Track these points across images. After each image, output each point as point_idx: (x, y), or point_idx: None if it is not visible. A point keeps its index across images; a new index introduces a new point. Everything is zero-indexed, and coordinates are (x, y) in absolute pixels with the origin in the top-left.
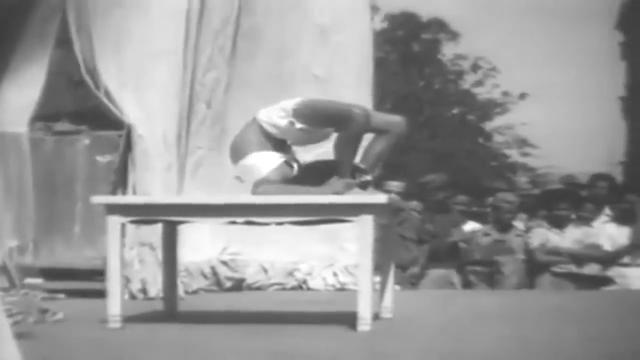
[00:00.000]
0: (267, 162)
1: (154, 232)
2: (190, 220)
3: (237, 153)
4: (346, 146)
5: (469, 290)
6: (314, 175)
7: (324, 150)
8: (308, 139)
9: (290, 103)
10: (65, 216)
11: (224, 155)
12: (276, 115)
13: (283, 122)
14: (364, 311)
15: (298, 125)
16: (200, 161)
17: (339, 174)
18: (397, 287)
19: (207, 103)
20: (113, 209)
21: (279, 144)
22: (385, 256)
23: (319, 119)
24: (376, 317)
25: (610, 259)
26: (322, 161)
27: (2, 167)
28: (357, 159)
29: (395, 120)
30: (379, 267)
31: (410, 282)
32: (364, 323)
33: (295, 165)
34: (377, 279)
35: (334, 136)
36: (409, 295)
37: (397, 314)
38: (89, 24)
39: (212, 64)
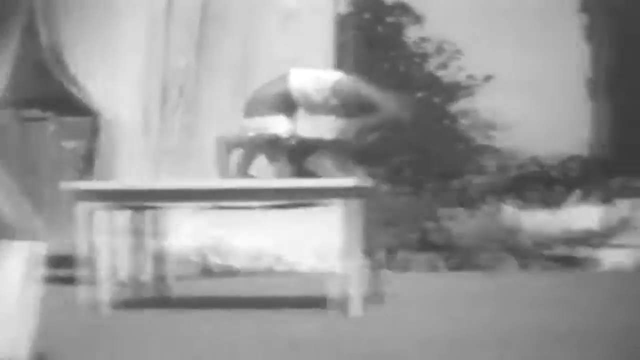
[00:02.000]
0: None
1: (125, 217)
2: (158, 206)
3: (253, 108)
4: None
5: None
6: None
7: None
8: (330, 112)
9: (330, 78)
10: (33, 203)
11: (196, 141)
12: (312, 86)
13: (318, 97)
14: (354, 293)
15: (333, 102)
16: (173, 147)
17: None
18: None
19: (180, 90)
20: (82, 195)
21: (294, 109)
22: (374, 239)
23: (354, 102)
24: (366, 299)
25: (581, 240)
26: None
27: None
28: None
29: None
30: (367, 251)
31: (400, 266)
32: (355, 308)
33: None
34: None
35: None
36: (396, 278)
37: (388, 297)
38: (56, 12)
39: (181, 50)
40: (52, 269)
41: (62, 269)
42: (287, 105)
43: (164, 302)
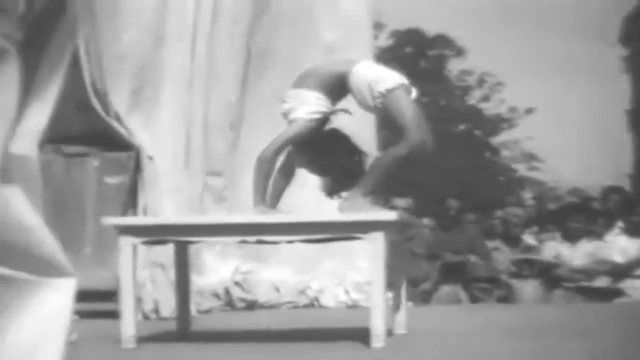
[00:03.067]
0: (306, 107)
1: (166, 253)
2: (201, 240)
3: (302, 80)
4: (382, 167)
5: (479, 304)
6: (324, 149)
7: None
8: (373, 113)
9: (389, 84)
10: (76, 237)
11: (239, 176)
12: (370, 83)
13: (370, 101)
14: (377, 327)
15: (379, 106)
16: (216, 182)
17: (357, 190)
18: (410, 304)
19: (232, 124)
20: (125, 230)
21: (342, 95)
22: (397, 272)
23: (395, 115)
24: (389, 333)
25: (622, 271)
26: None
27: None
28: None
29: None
30: (391, 284)
31: (422, 298)
32: (378, 339)
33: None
34: (389, 295)
35: None
36: (422, 311)
37: (410, 330)
38: (99, 47)
39: (226, 84)
40: (97, 304)
41: (106, 303)
42: (338, 88)
43: (191, 336)
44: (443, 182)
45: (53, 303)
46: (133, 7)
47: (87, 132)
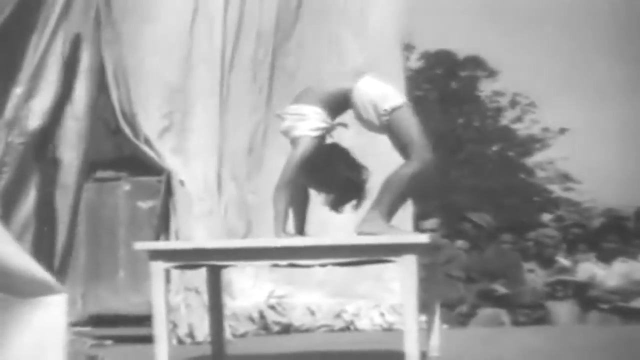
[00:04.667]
0: (307, 123)
1: (199, 276)
2: (233, 264)
3: (304, 95)
4: (395, 186)
5: (516, 327)
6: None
7: None
8: (377, 131)
9: (393, 102)
10: (109, 262)
11: (264, 198)
12: (374, 100)
13: (375, 120)
14: (412, 350)
15: (383, 124)
16: (244, 204)
17: (375, 211)
18: (445, 326)
19: (250, 147)
20: (156, 255)
21: (343, 111)
22: (431, 295)
23: (402, 133)
24: (424, 356)
25: None
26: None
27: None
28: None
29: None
30: (425, 306)
31: (459, 321)
32: None
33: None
34: (424, 318)
35: None
36: (457, 334)
37: (445, 353)
38: (126, 71)
39: (252, 106)
40: (131, 328)
41: (141, 327)
42: (340, 104)
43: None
44: (478, 203)
45: (48, 319)
46: (159, 30)
47: (118, 156)
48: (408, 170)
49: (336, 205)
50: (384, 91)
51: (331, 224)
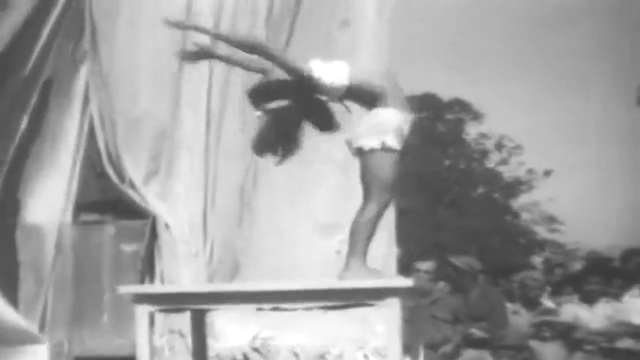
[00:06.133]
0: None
1: (183, 319)
2: (217, 308)
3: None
4: (364, 231)
5: None
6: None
7: None
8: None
9: (369, 142)
10: (94, 305)
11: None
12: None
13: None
14: None
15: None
16: (231, 247)
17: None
18: None
19: (241, 191)
20: (141, 299)
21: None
22: (415, 337)
23: (368, 173)
24: None
25: None
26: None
27: (31, 259)
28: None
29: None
30: (409, 348)
31: None
32: None
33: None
34: (407, 359)
35: None
36: None
37: None
38: (113, 114)
39: (241, 151)
40: None
41: None
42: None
43: None
44: (463, 245)
45: None
46: (148, 74)
47: (103, 199)
48: (369, 214)
49: (262, 148)
50: (382, 119)
51: (309, 269)
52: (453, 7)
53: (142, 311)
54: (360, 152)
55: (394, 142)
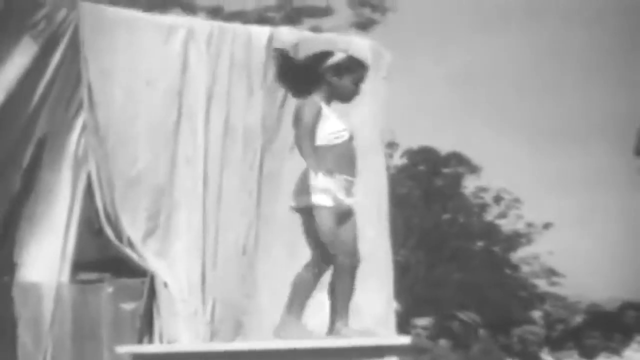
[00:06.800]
0: None
1: None
2: None
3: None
4: (302, 290)
5: None
6: None
7: None
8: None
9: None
10: None
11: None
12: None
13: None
14: None
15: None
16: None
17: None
18: None
19: (243, 249)
20: (140, 358)
21: None
22: None
23: (311, 232)
24: None
25: None
26: None
27: (29, 316)
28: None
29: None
30: None
31: None
32: None
33: None
34: None
35: None
36: None
37: None
38: (111, 173)
39: (243, 208)
40: None
41: None
42: None
43: None
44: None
45: None
46: (144, 132)
47: (101, 257)
48: (308, 274)
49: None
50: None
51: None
52: (446, 68)
53: None
54: (297, 210)
55: (327, 200)
